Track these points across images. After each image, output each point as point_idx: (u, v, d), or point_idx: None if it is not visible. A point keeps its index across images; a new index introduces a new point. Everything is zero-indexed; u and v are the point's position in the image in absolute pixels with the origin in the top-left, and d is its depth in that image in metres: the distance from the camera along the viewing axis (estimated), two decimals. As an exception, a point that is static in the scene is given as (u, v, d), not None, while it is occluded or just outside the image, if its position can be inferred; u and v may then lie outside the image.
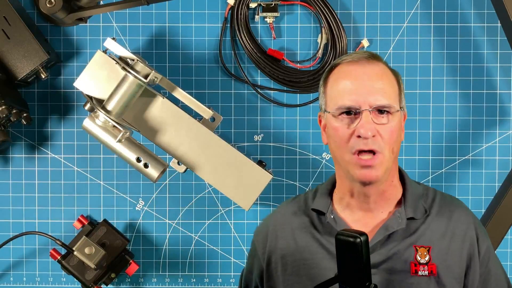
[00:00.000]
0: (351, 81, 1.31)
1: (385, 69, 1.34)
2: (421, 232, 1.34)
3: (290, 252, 1.39)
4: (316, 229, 1.38)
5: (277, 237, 1.42)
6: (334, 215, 1.37)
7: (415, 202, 1.37)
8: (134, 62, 1.71)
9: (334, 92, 1.34)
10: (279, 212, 1.48)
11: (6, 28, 1.80)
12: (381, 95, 1.29)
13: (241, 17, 1.90)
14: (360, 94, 1.29)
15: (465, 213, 1.38)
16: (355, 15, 1.92)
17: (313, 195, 1.44)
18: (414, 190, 1.39)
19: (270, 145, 1.94)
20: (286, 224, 1.43)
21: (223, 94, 1.94)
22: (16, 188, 1.95)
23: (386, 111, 1.30)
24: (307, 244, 1.38)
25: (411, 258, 1.32)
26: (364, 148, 1.28)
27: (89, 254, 1.74)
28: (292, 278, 1.37)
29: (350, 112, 1.30)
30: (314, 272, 1.35)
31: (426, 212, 1.36)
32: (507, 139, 1.93)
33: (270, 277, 1.42)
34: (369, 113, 1.28)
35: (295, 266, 1.38)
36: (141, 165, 1.72)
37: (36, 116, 1.94)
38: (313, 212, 1.41)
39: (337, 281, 1.21)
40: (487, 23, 1.91)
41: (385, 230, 1.33)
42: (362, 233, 1.18)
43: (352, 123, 1.30)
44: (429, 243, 1.33)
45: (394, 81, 1.34)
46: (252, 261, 1.47)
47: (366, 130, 1.27)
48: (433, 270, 1.31)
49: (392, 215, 1.35)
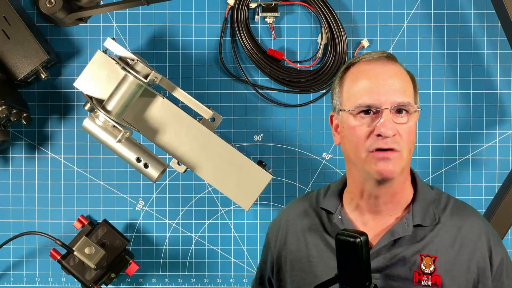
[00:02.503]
0: (371, 79, 1.29)
1: (402, 69, 1.33)
2: (428, 240, 1.31)
3: (298, 249, 1.40)
4: (325, 228, 1.38)
5: (288, 232, 1.43)
6: (342, 216, 1.37)
7: (424, 208, 1.34)
8: (134, 62, 1.71)
9: (353, 91, 1.31)
10: (292, 207, 1.49)
11: (6, 28, 1.80)
12: (401, 93, 1.28)
13: (241, 17, 1.90)
14: (380, 93, 1.27)
15: (477, 223, 1.34)
16: (355, 15, 1.92)
17: (324, 193, 1.44)
18: (426, 195, 1.36)
19: (270, 145, 1.94)
20: (296, 220, 1.44)
21: (223, 94, 1.94)
22: (16, 188, 1.95)
23: (405, 111, 1.28)
24: (315, 242, 1.38)
25: (415, 267, 1.29)
26: (383, 147, 1.26)
27: (89, 254, 1.74)
28: (299, 274, 1.38)
29: (368, 111, 1.28)
30: (320, 270, 1.35)
31: (436, 220, 1.33)
32: (507, 139, 1.93)
33: (280, 270, 1.44)
34: (389, 112, 1.26)
35: (303, 263, 1.38)
36: (141, 165, 1.72)
37: (36, 116, 1.94)
38: (323, 211, 1.40)
39: (337, 281, 1.21)
40: (487, 23, 1.91)
41: (391, 235, 1.31)
42: (362, 233, 1.18)
43: (371, 121, 1.27)
44: (435, 253, 1.30)
45: (410, 81, 1.33)
46: (266, 252, 1.50)
47: (387, 129, 1.25)
48: (437, 281, 1.28)
49: (399, 220, 1.33)
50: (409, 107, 1.28)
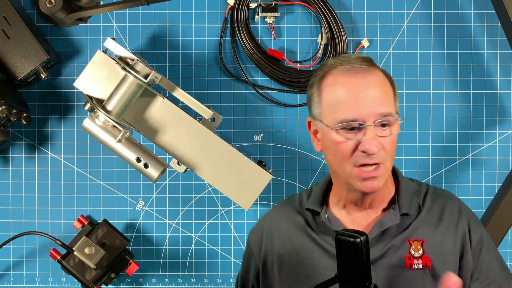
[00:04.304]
0: (351, 92, 1.27)
1: (381, 75, 1.31)
2: (414, 226, 1.35)
3: (286, 251, 1.39)
4: (312, 228, 1.39)
5: (273, 237, 1.42)
6: (328, 215, 1.37)
7: (409, 198, 1.37)
8: (134, 62, 1.71)
9: (333, 104, 1.29)
10: (274, 212, 1.48)
11: (6, 28, 1.80)
12: (383, 103, 1.26)
13: (241, 17, 1.90)
14: (363, 107, 1.25)
15: (457, 205, 1.38)
16: (355, 15, 1.92)
17: (307, 195, 1.44)
18: (408, 187, 1.39)
19: (270, 145, 1.94)
20: (281, 224, 1.43)
21: (223, 94, 1.94)
22: (16, 188, 1.95)
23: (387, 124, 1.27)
24: (303, 243, 1.38)
25: (405, 253, 1.32)
26: (369, 162, 1.26)
27: (89, 254, 1.74)
28: (288, 278, 1.38)
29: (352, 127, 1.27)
30: (311, 271, 1.35)
31: (420, 208, 1.36)
32: (507, 139, 1.93)
33: (266, 277, 1.42)
34: (373, 127, 1.25)
35: (292, 266, 1.38)
36: (141, 165, 1.73)
37: (36, 116, 1.94)
38: (308, 212, 1.41)
39: (337, 281, 1.21)
40: (487, 23, 1.91)
41: (380, 226, 1.34)
42: (362, 233, 1.18)
43: (355, 136, 1.27)
44: (422, 237, 1.33)
45: (389, 86, 1.31)
46: (248, 261, 1.47)
47: (371, 146, 1.25)
48: (427, 263, 1.32)
49: (386, 212, 1.36)
50: (390, 119, 1.27)
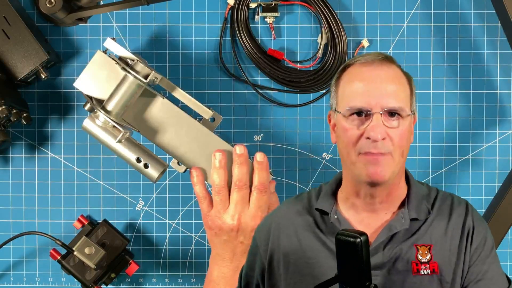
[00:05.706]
0: (363, 82, 1.31)
1: (398, 72, 1.34)
2: (422, 231, 1.34)
3: (293, 250, 1.39)
4: (320, 229, 1.38)
5: (280, 234, 1.42)
6: (338, 215, 1.37)
7: (418, 203, 1.37)
8: (134, 62, 1.71)
9: (346, 93, 1.33)
10: (282, 209, 1.47)
11: (6, 28, 1.80)
12: (393, 98, 1.29)
13: (241, 17, 1.90)
14: (372, 96, 1.29)
15: (465, 209, 1.38)
16: (355, 15, 1.92)
17: (316, 194, 1.44)
18: (419, 191, 1.39)
19: (270, 145, 1.94)
20: (289, 222, 1.42)
21: (223, 94, 1.94)
22: (16, 188, 1.95)
23: (397, 114, 1.30)
24: (311, 243, 1.38)
25: (412, 258, 1.32)
26: (373, 151, 1.28)
27: (89, 254, 1.74)
28: (294, 277, 1.37)
29: (360, 114, 1.30)
30: (318, 272, 1.34)
31: (429, 212, 1.36)
32: (507, 139, 1.93)
33: (272, 275, 1.41)
34: (380, 115, 1.28)
35: (298, 265, 1.37)
36: (141, 166, 1.72)
37: (36, 116, 1.94)
38: (317, 212, 1.40)
39: (337, 281, 1.21)
40: (487, 23, 1.91)
41: (388, 230, 1.33)
42: (362, 233, 1.18)
43: (362, 124, 1.30)
44: (430, 242, 1.33)
45: (406, 84, 1.34)
46: (254, 258, 1.46)
47: (376, 132, 1.27)
48: (435, 268, 1.31)
49: (395, 215, 1.35)
50: (400, 111, 1.30)
